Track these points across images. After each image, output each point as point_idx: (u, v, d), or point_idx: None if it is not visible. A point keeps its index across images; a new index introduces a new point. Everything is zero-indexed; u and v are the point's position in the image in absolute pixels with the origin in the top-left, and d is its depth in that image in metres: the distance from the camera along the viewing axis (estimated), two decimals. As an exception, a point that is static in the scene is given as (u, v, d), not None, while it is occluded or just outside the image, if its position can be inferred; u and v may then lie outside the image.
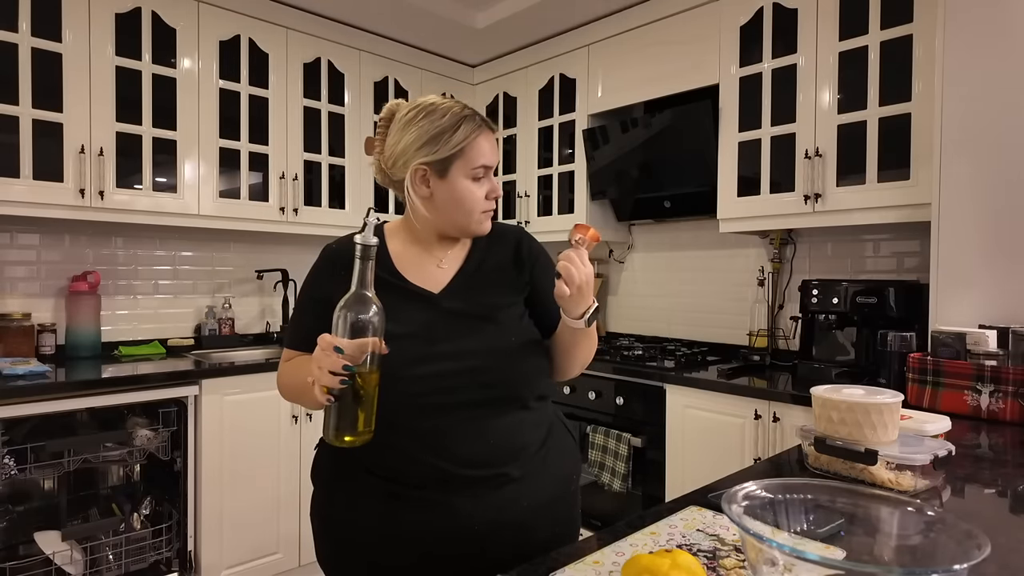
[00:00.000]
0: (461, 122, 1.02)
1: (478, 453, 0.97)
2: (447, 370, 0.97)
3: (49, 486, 2.25)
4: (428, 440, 0.96)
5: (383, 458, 0.98)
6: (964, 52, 1.76)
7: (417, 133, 1.02)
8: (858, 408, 0.98)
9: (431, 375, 0.96)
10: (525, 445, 1.02)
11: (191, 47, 2.53)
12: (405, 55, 3.27)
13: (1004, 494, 1.02)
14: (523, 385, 1.03)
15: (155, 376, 2.17)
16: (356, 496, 1.01)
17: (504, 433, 0.99)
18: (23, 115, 2.15)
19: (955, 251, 1.78)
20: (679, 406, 2.27)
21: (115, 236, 2.68)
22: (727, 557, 0.74)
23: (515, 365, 1.02)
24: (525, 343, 1.05)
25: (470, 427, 0.97)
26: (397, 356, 0.91)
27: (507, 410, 1.01)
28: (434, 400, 0.96)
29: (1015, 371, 1.49)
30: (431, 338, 0.99)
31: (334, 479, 1.05)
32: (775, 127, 2.33)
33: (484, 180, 1.04)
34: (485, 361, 0.99)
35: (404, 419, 0.96)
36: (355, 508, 1.00)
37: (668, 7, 2.67)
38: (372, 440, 0.87)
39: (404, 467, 0.97)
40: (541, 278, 1.13)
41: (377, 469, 0.99)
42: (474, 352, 0.99)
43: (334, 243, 1.10)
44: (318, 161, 2.95)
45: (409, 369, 0.95)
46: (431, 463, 0.95)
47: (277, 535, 2.44)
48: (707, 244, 2.95)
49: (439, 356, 0.98)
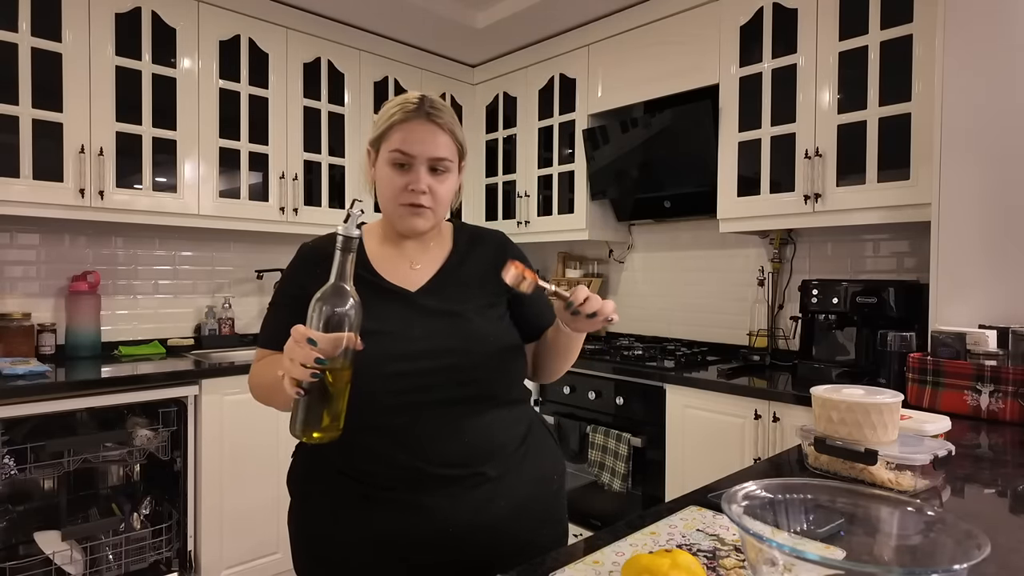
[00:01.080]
0: (398, 105, 1.02)
1: (454, 451, 0.95)
2: (423, 368, 0.96)
3: (49, 486, 2.25)
4: (402, 438, 0.94)
5: (356, 458, 0.96)
6: (964, 52, 1.76)
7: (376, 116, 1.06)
8: (858, 408, 0.98)
9: (407, 372, 0.95)
10: (502, 444, 1.01)
11: (191, 47, 2.53)
12: (405, 55, 3.27)
13: (1004, 494, 1.02)
14: (500, 384, 1.03)
15: (155, 376, 2.17)
16: (330, 499, 0.99)
17: (480, 432, 0.98)
18: (23, 115, 2.15)
19: (955, 251, 1.78)
20: (679, 406, 2.27)
21: (115, 236, 2.68)
22: (727, 557, 0.74)
23: (493, 364, 1.01)
24: (504, 343, 1.04)
25: (446, 425, 0.96)
26: (372, 352, 0.88)
27: (484, 408, 1.00)
28: (410, 398, 0.95)
29: (1015, 371, 1.49)
30: (407, 335, 0.98)
31: (308, 483, 1.04)
32: (775, 127, 2.33)
33: (406, 170, 1.01)
34: (462, 359, 0.98)
35: (379, 417, 0.94)
36: (329, 512, 0.99)
37: (668, 7, 2.67)
38: (343, 438, 0.84)
39: (378, 467, 0.95)
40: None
41: (350, 470, 0.97)
42: (451, 350, 0.98)
43: (311, 241, 1.10)
44: (318, 161, 2.95)
45: (384, 366, 0.94)
46: (406, 462, 0.94)
47: (277, 535, 2.44)
48: (707, 244, 2.95)
49: (415, 354, 0.96)
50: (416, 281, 1.05)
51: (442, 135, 1.02)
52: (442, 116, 1.02)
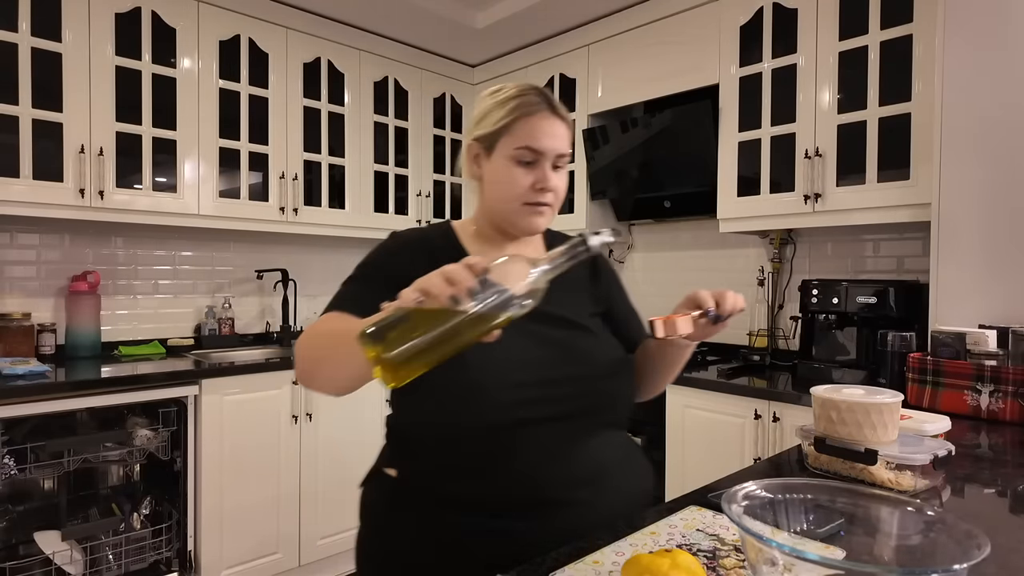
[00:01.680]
0: (517, 97, 0.93)
1: (558, 474, 0.87)
2: (544, 378, 0.87)
3: (49, 486, 2.25)
4: (505, 456, 0.85)
5: (447, 477, 0.88)
6: (964, 52, 1.76)
7: (477, 109, 0.97)
8: (858, 408, 0.98)
9: (526, 383, 0.86)
10: (606, 469, 0.92)
11: (191, 47, 2.53)
12: (405, 55, 3.27)
13: (1004, 494, 1.02)
14: (617, 402, 0.95)
15: (155, 376, 2.17)
16: (413, 527, 0.90)
17: (589, 454, 0.89)
18: (23, 115, 2.15)
19: (955, 251, 1.78)
20: (679, 406, 2.26)
21: (115, 236, 2.68)
22: (727, 557, 0.74)
23: (612, 379, 0.93)
24: (620, 357, 0.97)
25: (556, 445, 0.87)
26: (498, 358, 0.80)
27: (595, 429, 0.91)
28: (522, 413, 0.85)
29: (1015, 371, 1.49)
30: (524, 344, 0.88)
31: (393, 510, 0.93)
32: (775, 127, 2.33)
33: (532, 167, 0.93)
34: (583, 371, 0.90)
35: (486, 431, 0.84)
36: (411, 541, 0.89)
37: (668, 7, 2.67)
38: (434, 458, 0.78)
39: (470, 485, 0.86)
40: (617, 292, 1.07)
41: (440, 491, 0.88)
42: (573, 361, 0.90)
43: (407, 231, 1.02)
44: (318, 161, 2.94)
45: (509, 374, 0.85)
46: (504, 482, 0.85)
47: (277, 535, 2.44)
48: (707, 244, 2.94)
49: (536, 362, 0.88)
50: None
51: (565, 129, 0.95)
52: (563, 108, 0.96)
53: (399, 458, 0.96)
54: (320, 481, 2.56)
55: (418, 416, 0.92)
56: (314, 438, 2.54)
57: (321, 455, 2.56)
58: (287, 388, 2.46)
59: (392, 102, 3.23)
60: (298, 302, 3.18)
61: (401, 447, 0.97)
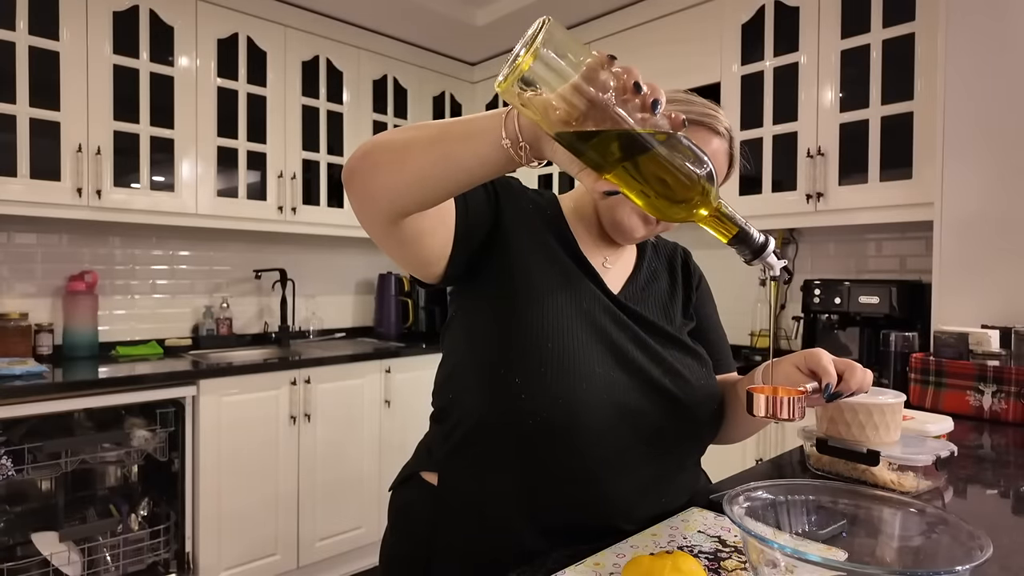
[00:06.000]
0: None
1: (648, 507, 0.79)
2: (640, 386, 0.78)
3: (46, 487, 2.24)
4: (593, 486, 0.76)
5: (523, 500, 0.78)
6: (966, 50, 1.75)
7: None
8: (860, 409, 0.97)
9: (616, 382, 0.77)
10: (678, 505, 0.85)
11: (189, 45, 2.52)
12: (404, 53, 3.26)
13: (1007, 495, 1.01)
14: (708, 434, 0.88)
15: (153, 376, 2.16)
16: (461, 546, 0.81)
17: (677, 491, 0.83)
18: (20, 114, 2.14)
19: (957, 250, 1.77)
20: (679, 406, 2.25)
21: (112, 235, 2.67)
22: (728, 559, 0.73)
23: (707, 402, 0.85)
24: (716, 392, 0.87)
25: (648, 479, 0.79)
26: (586, 357, 0.72)
27: (686, 462, 0.85)
28: (617, 428, 0.76)
29: (1018, 371, 1.48)
30: (621, 346, 0.79)
31: (434, 523, 0.83)
32: (776, 126, 2.32)
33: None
34: (684, 391, 0.81)
35: (574, 449, 0.75)
36: (460, 556, 0.81)
37: (669, 5, 2.67)
38: (513, 474, 0.70)
39: (551, 517, 0.77)
40: (706, 301, 1.00)
41: (504, 510, 0.79)
42: (671, 373, 0.81)
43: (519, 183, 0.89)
44: (317, 160, 2.94)
45: (601, 375, 0.76)
46: (594, 512, 0.77)
47: (276, 536, 2.43)
48: (708, 244, 2.92)
49: (628, 369, 0.78)
50: (612, 283, 0.87)
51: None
52: (721, 125, 0.89)
53: (451, 468, 0.84)
54: (319, 482, 2.55)
55: (498, 415, 0.78)
56: (312, 439, 2.53)
57: (319, 456, 2.55)
58: (285, 389, 2.46)
59: (391, 100, 3.22)
60: (296, 302, 3.17)
61: (458, 454, 0.83)
